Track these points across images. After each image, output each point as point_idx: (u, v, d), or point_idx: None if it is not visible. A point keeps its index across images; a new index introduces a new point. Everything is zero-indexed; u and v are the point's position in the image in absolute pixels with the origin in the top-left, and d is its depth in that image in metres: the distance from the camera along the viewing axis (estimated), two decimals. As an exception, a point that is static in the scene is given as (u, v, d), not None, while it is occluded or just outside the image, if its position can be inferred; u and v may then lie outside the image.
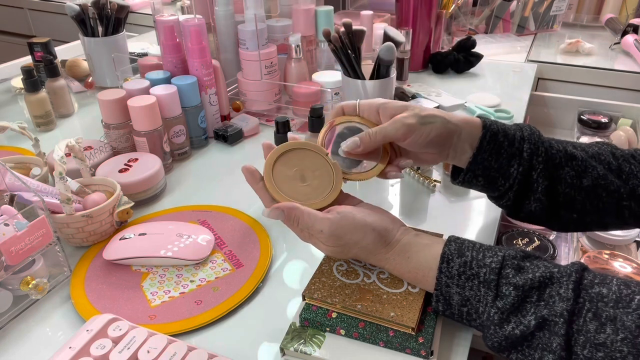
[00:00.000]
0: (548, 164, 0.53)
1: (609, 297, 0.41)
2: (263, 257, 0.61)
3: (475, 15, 1.50)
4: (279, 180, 0.53)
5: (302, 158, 0.54)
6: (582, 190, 0.54)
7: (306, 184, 0.54)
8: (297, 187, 0.53)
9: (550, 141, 0.55)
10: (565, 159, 0.54)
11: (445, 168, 0.79)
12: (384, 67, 0.80)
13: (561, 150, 0.54)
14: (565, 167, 0.54)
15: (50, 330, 0.54)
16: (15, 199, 0.58)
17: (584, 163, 0.54)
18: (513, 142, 0.53)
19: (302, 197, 0.53)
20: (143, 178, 0.72)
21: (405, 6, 1.17)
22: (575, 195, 0.54)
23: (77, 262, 0.62)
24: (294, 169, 0.54)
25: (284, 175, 0.53)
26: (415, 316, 0.47)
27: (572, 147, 0.56)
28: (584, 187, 0.54)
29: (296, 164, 0.54)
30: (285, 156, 0.54)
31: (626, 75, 1.23)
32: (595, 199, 0.54)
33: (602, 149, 0.57)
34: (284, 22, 0.99)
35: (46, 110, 0.95)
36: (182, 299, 0.56)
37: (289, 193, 0.53)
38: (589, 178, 0.54)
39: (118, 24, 1.06)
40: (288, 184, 0.53)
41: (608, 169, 0.55)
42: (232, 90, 0.99)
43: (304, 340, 0.48)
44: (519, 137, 0.54)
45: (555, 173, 0.54)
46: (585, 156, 0.55)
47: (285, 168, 0.54)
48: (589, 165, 0.54)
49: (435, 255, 0.48)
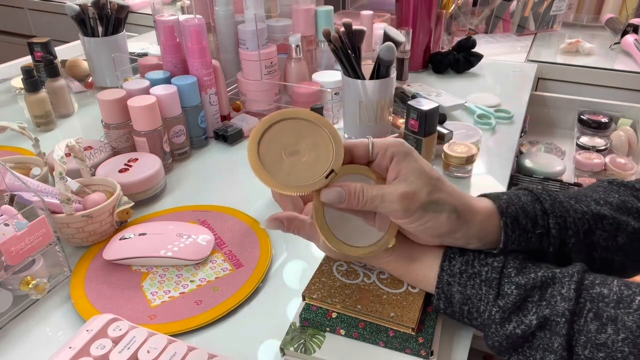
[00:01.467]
0: (579, 236, 0.48)
1: (609, 298, 0.41)
2: (263, 257, 0.61)
3: (475, 15, 1.50)
4: (270, 164, 0.44)
5: (284, 132, 0.45)
6: (618, 249, 0.50)
7: (304, 158, 0.44)
8: (296, 167, 0.44)
9: (571, 203, 0.49)
10: (594, 222, 0.49)
11: (445, 168, 0.79)
12: (384, 67, 0.80)
13: (587, 213, 0.49)
14: (597, 230, 0.49)
15: (50, 330, 0.54)
16: (15, 199, 0.58)
17: (615, 220, 0.49)
18: (536, 221, 0.47)
19: (307, 176, 0.44)
20: (143, 178, 0.72)
21: (405, 6, 1.17)
22: (612, 257, 0.50)
23: (77, 262, 0.62)
24: (283, 148, 0.44)
25: (274, 155, 0.44)
26: (415, 316, 0.47)
27: (595, 203, 0.50)
28: (620, 245, 0.50)
29: (280, 141, 0.45)
30: (268, 134, 0.45)
31: (626, 75, 1.23)
32: (634, 253, 0.51)
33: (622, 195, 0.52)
34: (284, 22, 0.99)
35: (46, 110, 0.95)
36: (182, 299, 0.56)
37: (286, 178, 0.44)
38: (623, 235, 0.50)
39: (118, 24, 1.06)
40: (281, 165, 0.44)
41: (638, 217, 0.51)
42: (232, 90, 0.99)
43: (304, 340, 0.48)
44: (540, 212, 0.47)
45: (587, 241, 0.49)
46: (612, 211, 0.50)
47: (273, 146, 0.45)
48: (621, 222, 0.50)
49: (436, 254, 0.48)
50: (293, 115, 0.45)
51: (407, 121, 0.78)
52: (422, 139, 0.77)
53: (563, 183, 1.01)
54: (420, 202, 0.44)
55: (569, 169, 1.08)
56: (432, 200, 0.44)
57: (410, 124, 0.77)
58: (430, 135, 0.77)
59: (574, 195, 0.51)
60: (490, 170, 0.81)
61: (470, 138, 0.85)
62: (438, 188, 0.45)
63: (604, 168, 1.06)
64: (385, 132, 0.86)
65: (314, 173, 0.44)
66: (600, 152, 1.09)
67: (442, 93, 1.05)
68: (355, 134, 0.86)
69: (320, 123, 0.45)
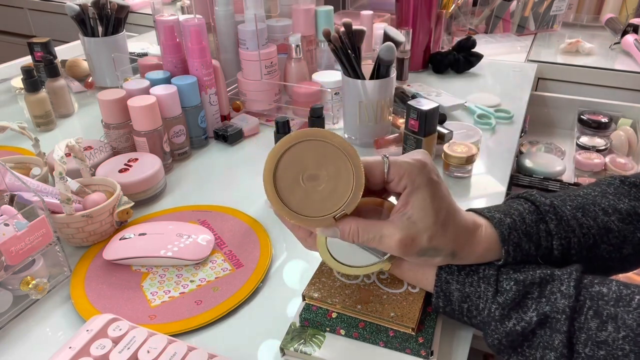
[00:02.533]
0: (582, 253, 0.47)
1: (609, 296, 0.41)
2: (263, 257, 0.61)
3: (475, 15, 1.50)
4: (285, 187, 0.43)
5: (307, 152, 0.42)
6: (622, 259, 0.50)
7: (320, 187, 0.43)
8: (310, 195, 0.43)
9: (577, 217, 0.48)
10: (599, 236, 0.48)
11: (445, 168, 0.79)
12: (384, 67, 0.80)
13: (593, 227, 0.48)
14: (602, 244, 0.48)
15: (50, 330, 0.54)
16: (15, 199, 0.58)
17: (621, 233, 0.48)
18: (540, 243, 0.46)
19: (317, 208, 0.43)
20: (143, 178, 0.72)
21: (405, 6, 1.17)
22: (614, 265, 0.50)
23: (77, 262, 0.62)
24: (302, 170, 0.43)
25: (291, 177, 0.43)
26: (415, 316, 0.47)
27: (604, 213, 0.49)
28: (624, 256, 0.49)
29: (302, 162, 0.43)
30: (290, 152, 0.42)
31: (626, 75, 1.23)
32: (636, 260, 0.51)
33: (633, 199, 0.51)
34: (284, 22, 0.99)
35: (46, 110, 0.95)
36: (182, 299, 0.56)
37: (301, 207, 0.43)
38: (629, 247, 0.49)
39: (118, 24, 1.06)
40: (295, 190, 0.43)
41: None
42: (232, 90, 0.99)
43: (304, 340, 0.48)
44: (544, 233, 0.46)
45: (590, 254, 0.48)
46: (620, 222, 0.49)
47: (292, 166, 0.43)
48: (628, 233, 0.49)
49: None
50: (322, 138, 0.42)
51: (407, 121, 0.78)
52: (422, 138, 0.77)
53: (563, 183, 1.01)
54: (418, 248, 0.43)
55: (569, 169, 1.08)
56: (431, 247, 0.43)
57: (410, 124, 0.77)
58: (431, 135, 0.77)
59: (581, 205, 0.49)
60: (490, 170, 0.81)
61: (470, 138, 0.85)
62: (441, 233, 0.43)
63: (604, 168, 1.06)
64: (385, 132, 0.86)
65: (326, 207, 0.43)
66: (600, 152, 1.09)
67: (442, 93, 1.05)
68: (355, 134, 0.86)
69: (347, 154, 0.42)
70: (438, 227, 0.43)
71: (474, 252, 0.45)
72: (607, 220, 0.48)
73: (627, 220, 0.49)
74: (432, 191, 0.43)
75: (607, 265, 0.49)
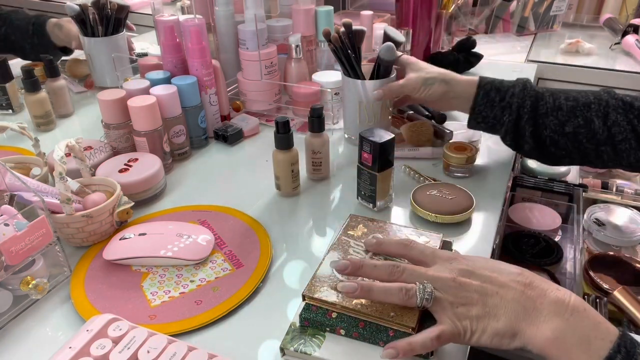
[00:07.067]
0: (533, 114, 0.69)
1: None
2: (263, 257, 0.61)
3: (475, 15, 1.50)
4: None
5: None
6: (564, 135, 0.69)
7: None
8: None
9: (543, 94, 0.70)
10: (551, 109, 0.69)
11: (445, 168, 0.79)
12: (383, 67, 0.80)
13: (549, 102, 0.69)
14: (550, 116, 0.69)
15: (50, 330, 0.54)
16: (15, 199, 0.58)
17: (568, 113, 0.68)
18: (504, 97, 0.71)
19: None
20: (143, 178, 0.72)
21: (405, 6, 1.17)
22: (559, 139, 0.69)
23: (77, 262, 0.62)
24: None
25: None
26: (415, 316, 0.47)
27: (565, 99, 0.69)
28: (566, 132, 0.68)
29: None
30: None
31: (626, 75, 1.23)
32: (577, 142, 0.68)
33: (598, 97, 0.68)
34: (284, 22, 0.99)
35: (46, 110, 0.95)
36: (182, 299, 0.56)
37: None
38: (570, 126, 0.68)
39: (118, 24, 1.06)
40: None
41: (596, 116, 0.67)
42: (232, 90, 0.99)
43: (304, 340, 0.48)
44: (510, 93, 0.71)
45: (539, 120, 0.69)
46: (574, 106, 0.68)
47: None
48: (573, 115, 0.68)
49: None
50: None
51: (360, 154, 0.68)
52: (376, 174, 0.66)
53: (568, 184, 1.01)
54: (422, 78, 0.75)
55: (573, 170, 1.08)
56: (427, 77, 0.75)
57: (364, 157, 0.67)
58: (387, 170, 0.68)
59: (562, 94, 0.70)
60: (490, 170, 0.81)
61: (470, 138, 0.85)
62: (430, 72, 0.76)
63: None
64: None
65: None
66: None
67: (442, 93, 1.04)
68: (355, 134, 0.86)
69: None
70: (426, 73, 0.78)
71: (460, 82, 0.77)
72: (561, 103, 0.69)
73: (581, 107, 0.68)
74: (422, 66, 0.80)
75: (554, 140, 0.70)
